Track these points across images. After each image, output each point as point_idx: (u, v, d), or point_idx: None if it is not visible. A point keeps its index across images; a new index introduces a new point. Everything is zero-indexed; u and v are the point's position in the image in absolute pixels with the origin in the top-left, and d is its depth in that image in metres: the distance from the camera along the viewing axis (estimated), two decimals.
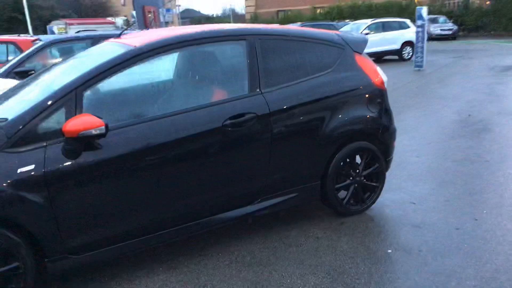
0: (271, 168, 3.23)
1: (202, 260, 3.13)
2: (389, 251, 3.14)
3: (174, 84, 3.53)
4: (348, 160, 3.68)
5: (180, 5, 52.61)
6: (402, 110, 7.78)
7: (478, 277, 2.80)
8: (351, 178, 3.68)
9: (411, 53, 16.51)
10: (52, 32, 22.34)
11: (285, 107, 3.23)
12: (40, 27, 27.46)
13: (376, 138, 3.72)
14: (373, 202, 3.81)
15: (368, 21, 17.65)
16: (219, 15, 73.42)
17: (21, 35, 10.00)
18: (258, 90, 3.18)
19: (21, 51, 7.91)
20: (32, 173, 2.48)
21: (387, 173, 3.98)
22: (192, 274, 2.97)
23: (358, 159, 3.75)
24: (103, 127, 2.55)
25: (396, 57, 16.87)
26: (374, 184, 3.80)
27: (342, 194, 3.67)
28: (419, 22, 13.40)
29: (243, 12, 52.50)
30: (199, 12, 79.25)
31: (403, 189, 4.27)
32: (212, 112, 3.01)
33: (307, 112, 3.34)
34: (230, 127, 3.01)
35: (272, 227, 3.56)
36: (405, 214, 3.72)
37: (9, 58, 8.12)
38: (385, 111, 3.78)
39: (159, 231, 2.93)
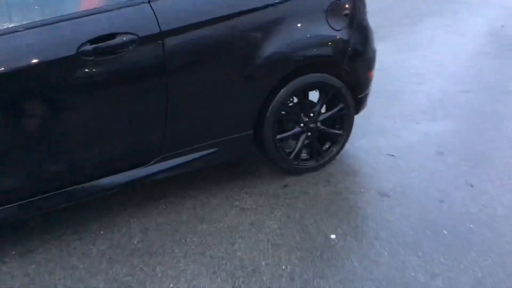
0: (171, 116, 2.22)
1: (75, 241, 2.29)
2: (332, 236, 2.21)
3: None
4: (296, 99, 2.63)
5: None
6: (419, 19, 6.34)
7: None
8: (301, 124, 2.64)
9: None
10: None
11: (187, 24, 2.13)
12: None
13: (340, 68, 2.60)
14: (334, 156, 2.80)
15: None
16: None
17: None
18: None
19: None
20: None
21: (368, 110, 2.93)
22: (63, 254, 2.15)
23: (315, 96, 2.69)
24: None
25: None
26: (336, 131, 2.76)
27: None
28: None
29: None
30: None
31: (386, 134, 3.21)
32: (63, 32, 1.96)
33: (225, 31, 2.23)
34: (92, 55, 1.97)
35: (189, 187, 2.65)
36: (375, 173, 2.73)
37: None
38: (358, 27, 2.61)
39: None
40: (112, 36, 2.00)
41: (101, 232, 2.32)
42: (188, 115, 2.28)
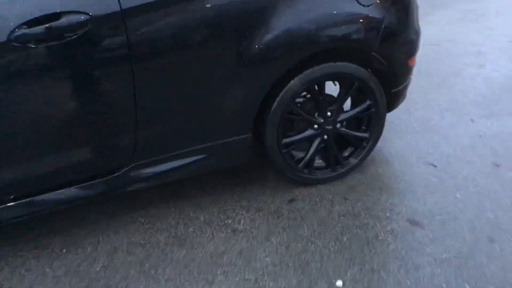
0: (141, 117, 1.76)
1: (32, 259, 1.93)
2: (339, 284, 1.70)
3: None
4: (309, 94, 2.08)
5: None
6: None
7: None
8: (315, 126, 2.10)
9: None
10: None
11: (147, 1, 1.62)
12: None
13: (369, 55, 2.01)
14: (357, 165, 2.26)
15: None
16: None
17: None
18: None
19: None
20: None
21: (409, 100, 2.36)
22: (14, 276, 1.81)
23: (335, 88, 2.13)
24: None
25: None
26: (360, 134, 2.20)
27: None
28: None
29: None
30: None
31: (429, 133, 2.60)
32: None
33: (211, 10, 1.70)
34: (30, 42, 1.52)
35: (178, 196, 2.21)
36: (408, 191, 2.16)
37: None
38: (395, 0, 1.99)
39: None
40: (56, 16, 1.53)
41: (63, 250, 1.94)
42: (163, 115, 1.80)
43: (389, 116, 2.32)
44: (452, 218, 1.97)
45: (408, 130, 2.65)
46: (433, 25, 4.23)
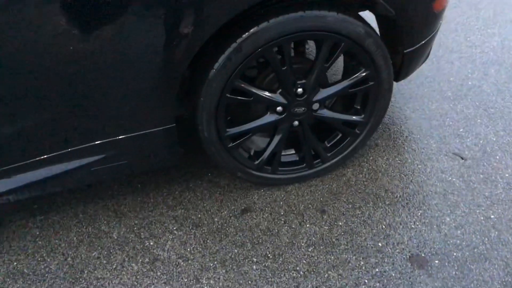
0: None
1: None
2: None
3: None
4: (272, 62, 1.32)
5: None
6: None
7: None
8: (278, 108, 1.37)
9: None
10: None
11: None
12: None
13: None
14: (347, 157, 1.55)
15: None
16: None
17: None
18: None
19: None
20: None
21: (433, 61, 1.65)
22: None
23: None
24: None
25: None
26: (352, 118, 1.46)
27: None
28: None
29: None
30: None
31: (458, 106, 1.82)
32: None
33: None
34: None
35: (97, 197, 1.59)
36: (416, 200, 1.46)
37: None
38: None
39: None
40: None
41: None
42: (29, 92, 1.13)
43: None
44: (471, 255, 1.30)
45: (431, 97, 1.87)
46: None
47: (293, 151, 1.53)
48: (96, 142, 1.27)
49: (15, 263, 1.39)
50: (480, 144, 1.65)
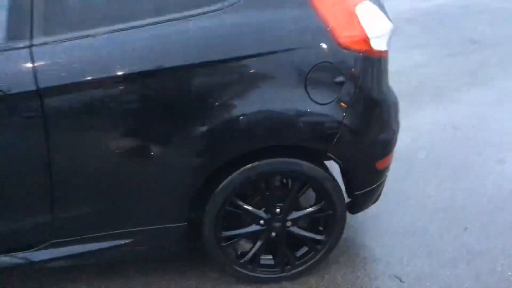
0: (58, 194, 1.67)
1: None
2: None
3: None
4: (257, 186, 1.90)
5: None
6: None
7: None
8: (261, 221, 1.91)
9: None
10: None
11: (80, 80, 1.55)
12: None
13: (324, 155, 1.82)
14: (313, 265, 2.02)
15: None
16: None
17: None
18: (26, 36, 1.53)
19: None
20: None
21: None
22: None
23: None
24: None
25: None
26: (314, 236, 1.98)
27: None
28: None
29: None
30: None
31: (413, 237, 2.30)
32: None
33: (143, 93, 1.62)
34: None
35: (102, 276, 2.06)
36: None
37: None
38: (362, 99, 1.78)
39: None
40: None
41: None
42: (82, 194, 1.71)
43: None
44: None
45: (387, 231, 2.37)
46: (462, 105, 3.91)
47: (270, 256, 2.02)
48: (128, 230, 1.81)
49: None
50: (417, 272, 2.11)
